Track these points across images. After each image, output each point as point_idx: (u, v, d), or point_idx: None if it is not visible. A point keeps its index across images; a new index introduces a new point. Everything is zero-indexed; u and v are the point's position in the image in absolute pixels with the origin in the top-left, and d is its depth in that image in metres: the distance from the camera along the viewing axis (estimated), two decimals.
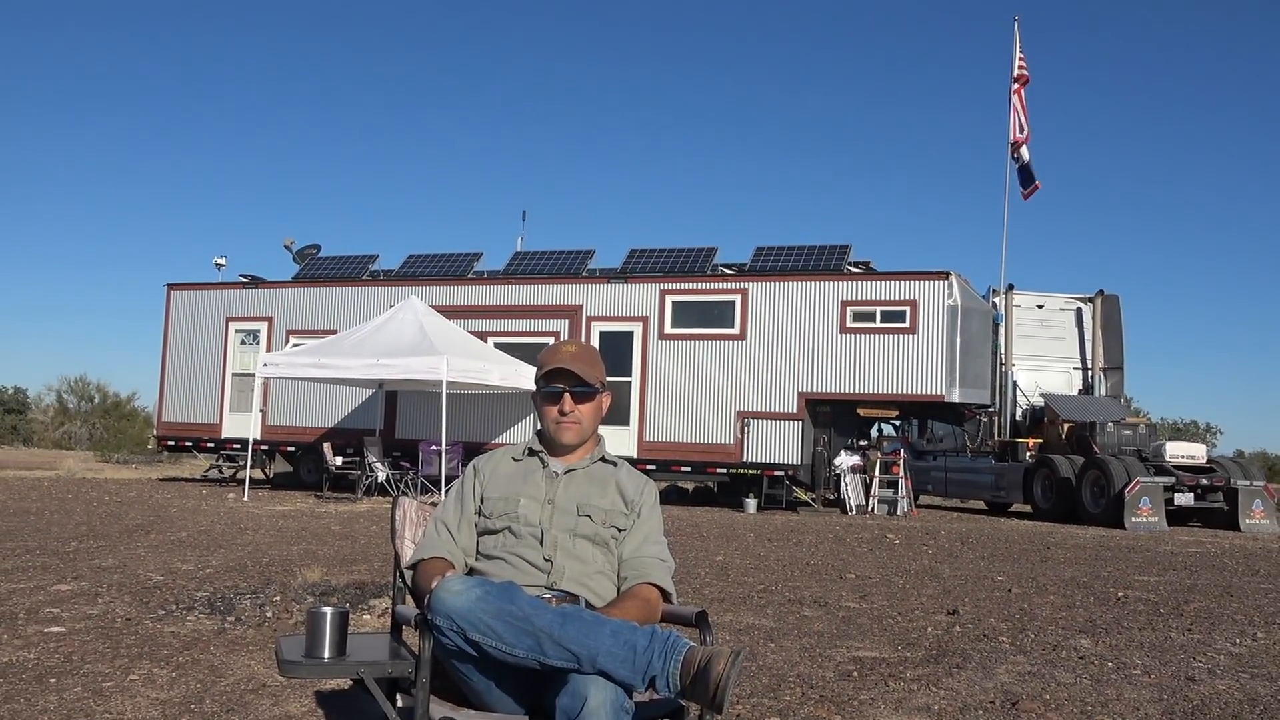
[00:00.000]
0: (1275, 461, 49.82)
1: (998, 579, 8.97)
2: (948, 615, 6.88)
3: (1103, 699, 4.68)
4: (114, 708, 4.10)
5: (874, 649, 5.68)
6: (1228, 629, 6.67)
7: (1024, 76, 22.63)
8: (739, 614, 6.69)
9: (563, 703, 2.36)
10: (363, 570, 8.07)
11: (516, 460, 3.01)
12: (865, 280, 17.97)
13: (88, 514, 12.68)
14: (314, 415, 20.57)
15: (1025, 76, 22.64)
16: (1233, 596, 8.25)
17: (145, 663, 4.84)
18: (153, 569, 7.89)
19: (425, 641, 2.47)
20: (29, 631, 5.45)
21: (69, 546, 9.20)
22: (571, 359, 2.94)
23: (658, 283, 18.81)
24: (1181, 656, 5.70)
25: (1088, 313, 20.76)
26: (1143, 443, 18.25)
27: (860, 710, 4.37)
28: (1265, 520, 16.65)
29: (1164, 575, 9.69)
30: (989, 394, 18.52)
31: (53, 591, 6.73)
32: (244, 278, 21.99)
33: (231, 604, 6.31)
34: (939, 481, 21.52)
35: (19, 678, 4.50)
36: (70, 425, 44.69)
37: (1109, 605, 7.58)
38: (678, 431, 18.37)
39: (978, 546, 12.17)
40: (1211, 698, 4.77)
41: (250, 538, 10.48)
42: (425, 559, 2.86)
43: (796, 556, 10.35)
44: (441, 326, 17.64)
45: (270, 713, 4.10)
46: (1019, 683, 4.96)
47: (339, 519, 13.21)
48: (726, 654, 2.34)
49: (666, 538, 3.00)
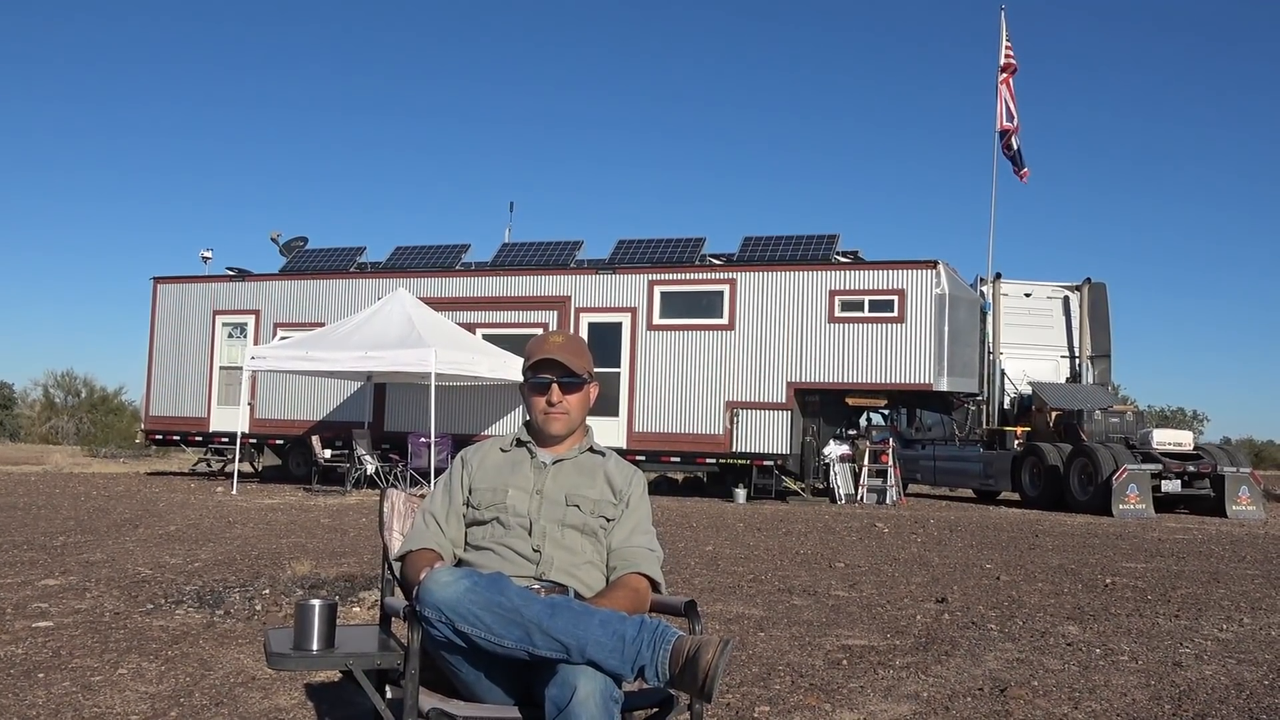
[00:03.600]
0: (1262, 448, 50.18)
1: (986, 567, 9.01)
2: (936, 603, 6.91)
3: (1090, 685, 4.70)
4: (103, 702, 4.09)
5: (863, 637, 5.70)
6: (1214, 615, 6.71)
7: (1011, 65, 22.63)
8: (728, 603, 6.71)
9: (552, 693, 2.36)
10: (352, 563, 8.06)
11: (505, 451, 3.01)
12: (853, 270, 17.98)
13: (75, 509, 12.64)
14: (302, 408, 20.51)
15: (1013, 65, 22.65)
16: (1219, 583, 8.30)
17: (134, 657, 4.83)
18: (141, 563, 7.87)
19: (414, 633, 2.47)
20: (17, 627, 5.43)
21: (56, 541, 9.18)
22: (559, 349, 2.93)
23: (646, 273, 18.80)
24: (1169, 643, 5.73)
25: (1075, 301, 20.82)
26: (1130, 430, 18.35)
27: (849, 698, 4.38)
28: (1252, 507, 16.75)
29: (1151, 562, 9.74)
30: (977, 382, 18.56)
31: (41, 586, 6.71)
32: (231, 271, 21.90)
33: (220, 597, 6.30)
34: (927, 470, 21.61)
35: (7, 673, 4.49)
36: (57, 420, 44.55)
37: (1097, 592, 7.62)
38: (667, 422, 18.38)
39: (966, 535, 12.22)
40: (1198, 683, 4.80)
41: (239, 531, 10.46)
42: (414, 550, 2.85)
43: (786, 546, 10.38)
44: (429, 318, 17.62)
45: (259, 705, 4.10)
46: (1007, 670, 4.98)
47: (328, 512, 13.19)
48: (715, 643, 2.34)
49: (655, 528, 3.00)
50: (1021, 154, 22.61)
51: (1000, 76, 22.59)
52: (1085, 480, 17.22)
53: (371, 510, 13.07)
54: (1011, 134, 22.50)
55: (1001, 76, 22.58)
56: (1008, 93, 22.52)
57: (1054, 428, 18.94)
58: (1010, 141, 22.49)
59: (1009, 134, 22.48)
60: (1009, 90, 22.55)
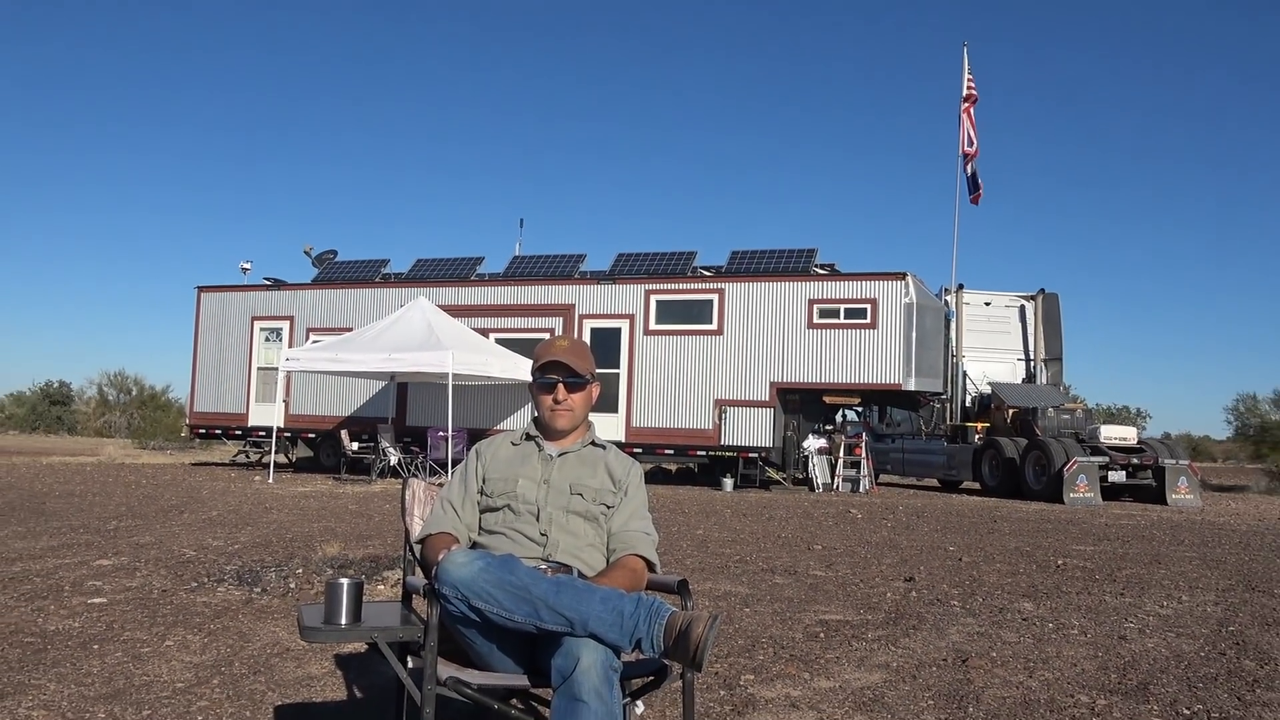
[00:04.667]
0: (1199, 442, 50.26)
1: (949, 549, 9.00)
2: (905, 582, 6.90)
3: (1044, 656, 4.70)
4: (151, 670, 4.08)
5: (838, 613, 5.70)
6: (1156, 593, 6.72)
7: (973, 96, 22.66)
8: (717, 582, 6.70)
9: (557, 663, 2.36)
10: (376, 545, 8.05)
11: (515, 445, 3.01)
12: (830, 280, 17.98)
13: (126, 496, 12.62)
14: (332, 405, 20.48)
15: (974, 96, 22.67)
16: (1160, 564, 8.31)
17: (180, 630, 4.82)
18: (186, 545, 7.86)
19: (433, 609, 2.46)
20: (74, 603, 5.42)
21: (110, 525, 9.16)
22: (564, 353, 2.94)
23: (643, 284, 18.77)
24: (1114, 618, 5.73)
25: (1030, 309, 20.82)
26: (1079, 426, 18.36)
27: (826, 668, 4.38)
28: (1189, 495, 16.76)
29: (1099, 545, 9.74)
30: (941, 383, 18.57)
31: (95, 566, 6.70)
32: (268, 280, 21.87)
33: (258, 576, 6.29)
34: (897, 462, 21.61)
35: (65, 644, 4.48)
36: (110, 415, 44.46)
37: (1049, 572, 7.62)
38: (662, 418, 18.36)
39: (931, 520, 12.21)
40: (1141, 655, 4.80)
41: (275, 516, 10.45)
42: (433, 534, 2.86)
43: (769, 530, 10.37)
44: (447, 324, 17.59)
45: (293, 674, 4.09)
46: (969, 642, 4.98)
47: (355, 499, 13.17)
48: (705, 618, 2.34)
49: (651, 514, 3.00)
50: (977, 178, 22.62)
51: (963, 106, 22.62)
52: (1039, 471, 17.22)
53: (394, 498, 13.05)
54: (971, 159, 22.50)
55: (964, 106, 22.60)
56: (969, 120, 22.54)
57: (1011, 424, 18.94)
58: (968, 166, 22.50)
59: (970, 158, 22.49)
60: (970, 118, 22.57)
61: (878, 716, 3.68)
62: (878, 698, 3.92)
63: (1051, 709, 3.82)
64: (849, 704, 3.83)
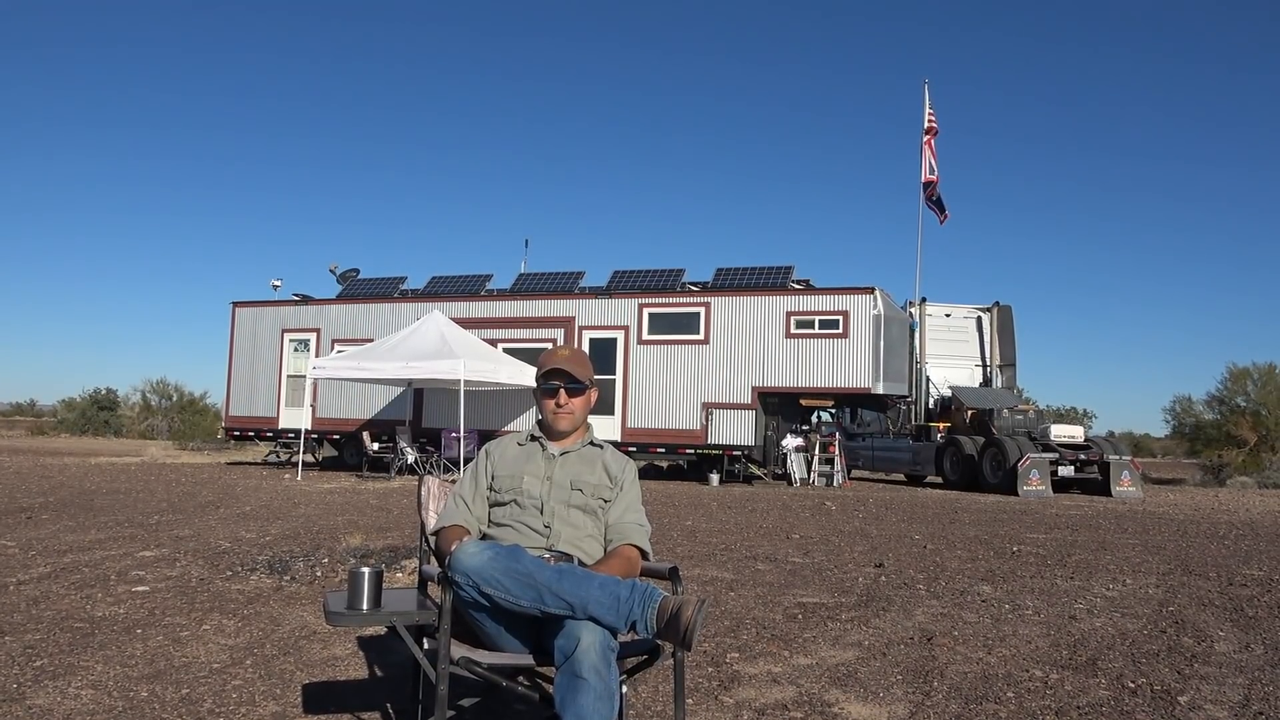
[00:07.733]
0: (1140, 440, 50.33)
1: (915, 537, 9.00)
2: (875, 568, 6.90)
3: (1001, 634, 4.70)
4: (190, 653, 4.06)
5: (815, 596, 5.69)
6: (1102, 577, 6.72)
7: (933, 128, 22.71)
8: (705, 568, 6.69)
9: (560, 643, 2.36)
10: (395, 536, 8.02)
11: (521, 445, 3.00)
12: (806, 294, 17.99)
13: (167, 493, 12.56)
14: (355, 409, 20.42)
15: (934, 128, 22.73)
16: (1106, 550, 8.31)
17: (216, 615, 4.80)
18: (222, 537, 7.82)
19: (446, 595, 2.46)
20: (119, 590, 5.39)
21: (152, 520, 9.11)
22: (565, 361, 2.94)
23: (636, 298, 18.77)
24: (1065, 599, 5.73)
25: (986, 320, 20.86)
26: (1032, 425, 18.37)
27: (804, 646, 4.37)
28: (1132, 488, 16.78)
29: (1050, 533, 9.75)
30: (907, 386, 18.58)
31: (139, 557, 6.66)
32: (296, 296, 21.82)
33: (287, 565, 6.26)
34: (867, 458, 21.61)
35: (111, 629, 4.45)
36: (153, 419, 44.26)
37: (1005, 558, 7.62)
38: (654, 419, 18.34)
39: (899, 511, 12.21)
40: (1090, 633, 4.80)
41: (302, 511, 10.41)
42: (446, 527, 2.85)
43: (751, 521, 10.35)
44: (459, 335, 17.56)
45: (320, 654, 4.07)
46: (933, 622, 4.97)
47: (376, 494, 13.12)
48: (694, 602, 2.34)
49: (645, 506, 2.99)
50: (942, 201, 22.65)
51: (924, 138, 22.66)
52: (996, 466, 17.24)
53: (411, 493, 13.02)
54: (934, 185, 22.54)
55: (925, 138, 22.65)
56: (930, 151, 22.59)
57: (970, 424, 18.95)
58: (933, 192, 22.54)
59: (932, 185, 22.53)
60: (931, 149, 22.61)
61: (851, 690, 3.67)
62: (851, 673, 3.91)
63: (1009, 683, 3.81)
64: (825, 679, 3.82)
